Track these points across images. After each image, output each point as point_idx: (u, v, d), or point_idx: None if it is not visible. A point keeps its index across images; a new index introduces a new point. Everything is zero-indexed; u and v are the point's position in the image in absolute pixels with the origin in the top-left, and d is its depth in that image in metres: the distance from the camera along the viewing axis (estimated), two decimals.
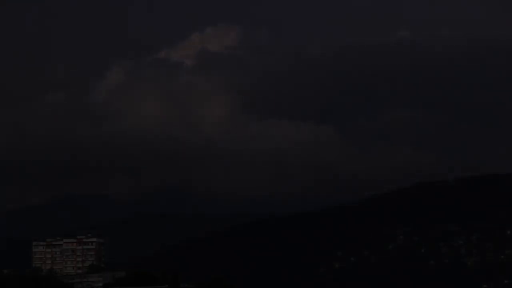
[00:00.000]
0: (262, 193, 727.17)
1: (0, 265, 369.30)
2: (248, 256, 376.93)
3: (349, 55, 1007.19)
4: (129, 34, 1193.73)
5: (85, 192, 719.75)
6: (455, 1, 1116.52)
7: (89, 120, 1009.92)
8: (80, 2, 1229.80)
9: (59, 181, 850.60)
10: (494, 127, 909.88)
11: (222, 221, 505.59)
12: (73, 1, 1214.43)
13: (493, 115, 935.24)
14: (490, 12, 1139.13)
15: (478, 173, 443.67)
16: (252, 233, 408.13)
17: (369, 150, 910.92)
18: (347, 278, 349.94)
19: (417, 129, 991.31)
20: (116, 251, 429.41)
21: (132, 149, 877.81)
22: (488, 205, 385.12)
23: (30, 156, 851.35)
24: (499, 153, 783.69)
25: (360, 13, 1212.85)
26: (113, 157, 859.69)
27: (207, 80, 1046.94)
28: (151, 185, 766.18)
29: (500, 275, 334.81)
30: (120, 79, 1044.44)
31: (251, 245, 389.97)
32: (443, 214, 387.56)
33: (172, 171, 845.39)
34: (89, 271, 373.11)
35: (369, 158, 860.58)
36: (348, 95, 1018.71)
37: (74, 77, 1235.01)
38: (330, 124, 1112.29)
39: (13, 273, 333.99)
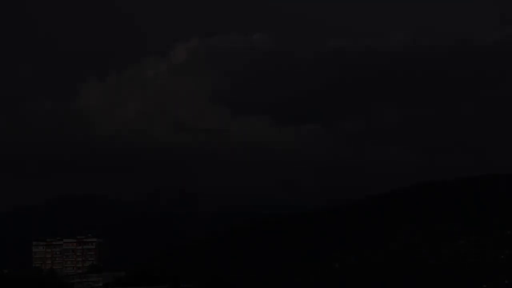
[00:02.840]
0: (261, 193, 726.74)
1: (0, 265, 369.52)
2: (248, 256, 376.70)
3: (344, 55, 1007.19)
4: (124, 36, 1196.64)
5: (85, 192, 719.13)
6: (444, 2, 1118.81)
7: (88, 120, 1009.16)
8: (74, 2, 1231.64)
9: (59, 181, 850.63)
10: (494, 127, 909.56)
11: (221, 221, 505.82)
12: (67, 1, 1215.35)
13: (493, 114, 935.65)
14: (480, 14, 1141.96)
15: (478, 173, 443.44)
16: (251, 233, 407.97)
17: (368, 149, 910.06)
18: (347, 278, 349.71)
19: (417, 128, 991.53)
20: (116, 251, 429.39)
21: (131, 149, 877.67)
22: (488, 205, 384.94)
23: (29, 156, 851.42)
24: (499, 153, 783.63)
25: (352, 14, 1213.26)
26: (113, 157, 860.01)
27: (202, 83, 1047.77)
28: (151, 185, 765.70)
29: (500, 275, 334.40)
30: (118, 80, 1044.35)
31: (250, 245, 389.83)
32: (443, 214, 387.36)
33: (172, 171, 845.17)
34: (89, 271, 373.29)
35: (368, 158, 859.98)
36: (344, 95, 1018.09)
37: (72, 77, 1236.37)
38: (325, 124, 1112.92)
39: (13, 273, 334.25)
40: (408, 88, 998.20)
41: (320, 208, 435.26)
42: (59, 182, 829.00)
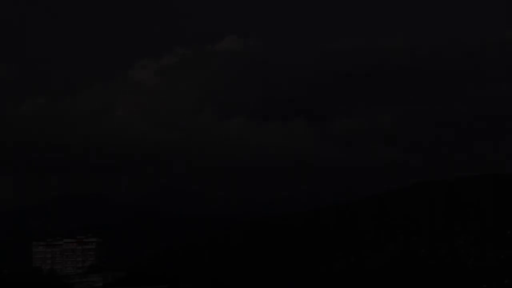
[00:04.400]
0: (260, 194, 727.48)
1: (0, 265, 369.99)
2: (247, 257, 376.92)
3: (339, 55, 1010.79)
4: (119, 38, 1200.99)
5: (84, 192, 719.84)
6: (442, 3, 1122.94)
7: (87, 121, 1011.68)
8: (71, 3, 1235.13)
9: (59, 181, 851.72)
10: (493, 127, 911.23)
11: (221, 222, 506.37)
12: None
13: (492, 113, 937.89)
14: (479, 14, 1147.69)
15: (478, 173, 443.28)
16: (251, 234, 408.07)
17: (367, 149, 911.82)
18: (347, 278, 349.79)
19: (416, 128, 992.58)
20: (116, 251, 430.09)
21: (131, 150, 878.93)
22: (488, 205, 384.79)
23: (29, 156, 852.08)
24: (499, 153, 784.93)
25: (347, 15, 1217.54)
26: (112, 158, 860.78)
27: (197, 84, 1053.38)
28: (150, 186, 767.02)
29: (500, 275, 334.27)
30: (115, 80, 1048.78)
31: (250, 246, 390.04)
32: (442, 214, 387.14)
33: (171, 171, 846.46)
34: (89, 271, 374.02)
35: (367, 158, 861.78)
36: (341, 94, 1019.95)
37: (72, 77, 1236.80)
38: (323, 125, 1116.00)
39: (13, 273, 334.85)
40: (406, 88, 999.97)
41: (319, 208, 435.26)
42: (59, 182, 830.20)
